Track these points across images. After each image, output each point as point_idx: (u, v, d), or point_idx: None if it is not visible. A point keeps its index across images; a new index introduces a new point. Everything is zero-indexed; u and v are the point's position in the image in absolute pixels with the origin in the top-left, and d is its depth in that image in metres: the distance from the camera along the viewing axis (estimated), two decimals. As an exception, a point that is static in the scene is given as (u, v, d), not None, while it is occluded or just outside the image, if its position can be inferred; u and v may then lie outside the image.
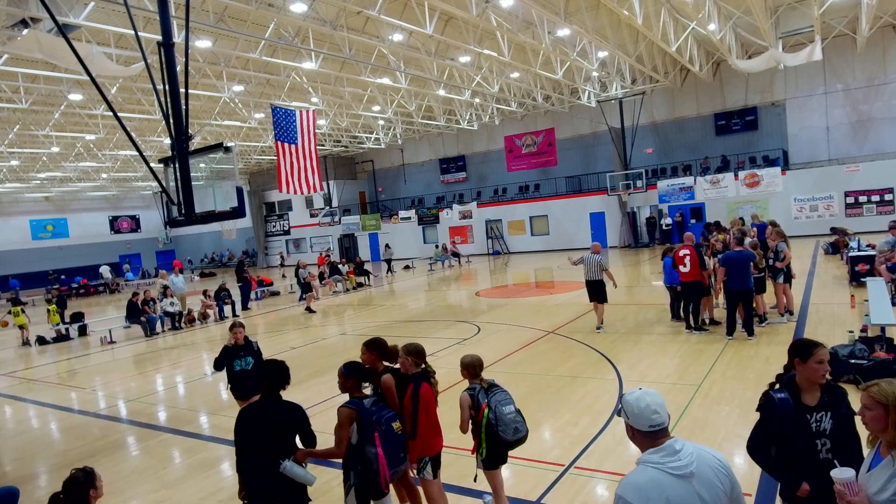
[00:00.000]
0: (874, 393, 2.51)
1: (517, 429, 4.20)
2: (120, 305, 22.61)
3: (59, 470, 6.81)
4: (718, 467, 2.31)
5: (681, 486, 2.20)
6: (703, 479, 2.23)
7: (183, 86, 5.66)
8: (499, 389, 4.38)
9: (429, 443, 4.22)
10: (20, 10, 11.29)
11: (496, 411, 4.18)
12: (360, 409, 3.88)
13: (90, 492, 3.41)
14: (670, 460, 2.25)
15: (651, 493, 2.17)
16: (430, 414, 4.22)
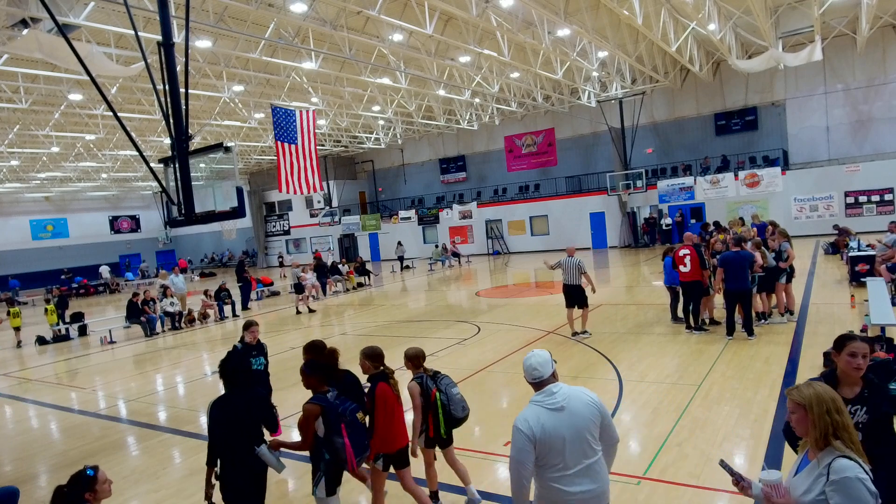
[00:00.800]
0: (794, 396, 2.59)
1: (464, 407, 4.86)
2: (120, 305, 22.61)
3: (59, 470, 6.81)
4: (589, 402, 3.17)
5: (554, 416, 3.09)
6: (572, 411, 3.11)
7: (183, 86, 5.66)
8: (443, 376, 4.93)
9: (386, 440, 4.47)
10: (20, 10, 11.30)
11: (447, 393, 4.78)
12: (324, 403, 4.14)
13: (86, 494, 3.40)
14: (547, 399, 3.14)
15: (532, 421, 3.08)
16: (387, 412, 4.46)
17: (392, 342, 12.28)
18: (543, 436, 3.05)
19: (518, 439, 3.08)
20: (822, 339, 8.94)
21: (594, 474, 3.12)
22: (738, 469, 2.72)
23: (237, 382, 4.21)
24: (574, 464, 3.08)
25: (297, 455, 5.74)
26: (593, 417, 3.14)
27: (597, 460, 3.14)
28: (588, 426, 3.12)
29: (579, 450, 3.08)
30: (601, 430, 3.18)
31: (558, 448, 3.06)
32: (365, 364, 4.68)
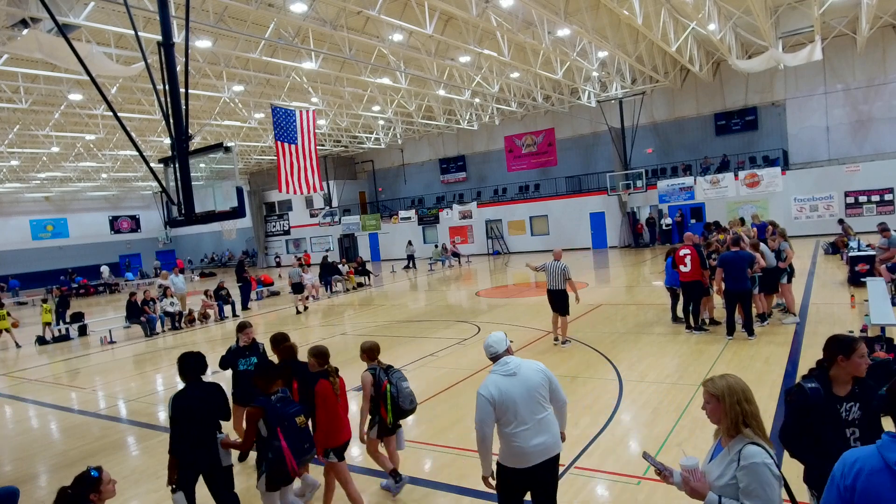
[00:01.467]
0: (709, 387, 2.74)
1: (412, 400, 5.24)
2: (120, 305, 22.63)
3: (60, 470, 6.81)
4: (538, 370, 3.89)
5: (508, 380, 3.78)
6: (524, 376, 3.81)
7: (183, 86, 5.66)
8: (395, 370, 5.32)
9: (329, 434, 4.74)
10: (20, 10, 11.30)
11: (397, 386, 5.15)
12: (265, 406, 4.36)
13: (91, 495, 3.41)
14: (502, 368, 3.86)
15: (490, 387, 3.76)
16: (328, 409, 4.73)
17: (392, 342, 12.28)
18: (501, 397, 3.73)
19: (481, 403, 3.75)
20: (821, 339, 8.86)
21: (546, 428, 3.77)
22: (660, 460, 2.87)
23: (193, 377, 4.59)
24: (528, 420, 3.73)
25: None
26: (542, 381, 3.84)
27: (547, 416, 3.80)
28: (537, 388, 3.80)
29: (531, 408, 3.75)
30: (550, 392, 3.87)
31: (513, 407, 3.72)
32: (311, 361, 4.96)
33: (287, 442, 4.29)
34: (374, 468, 5.95)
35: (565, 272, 10.02)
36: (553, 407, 3.88)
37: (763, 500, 2.51)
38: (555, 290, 10.11)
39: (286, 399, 4.51)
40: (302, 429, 4.46)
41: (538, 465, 3.75)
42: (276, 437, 4.28)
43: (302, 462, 4.52)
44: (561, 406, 3.96)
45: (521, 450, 3.72)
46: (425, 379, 9.12)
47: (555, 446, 3.82)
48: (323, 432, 4.71)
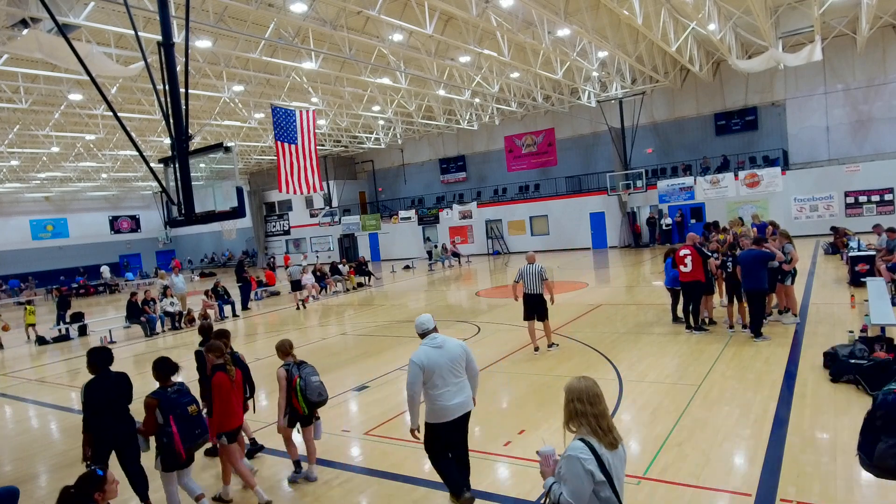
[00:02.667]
0: (565, 387, 3.01)
1: (320, 393, 5.71)
2: (120, 305, 22.62)
3: (59, 470, 6.81)
4: (458, 345, 4.94)
5: (435, 351, 4.80)
6: (448, 349, 4.85)
7: (183, 86, 5.66)
8: (307, 365, 5.81)
9: (223, 421, 5.28)
10: (20, 10, 11.30)
11: (306, 380, 5.63)
12: (160, 397, 4.95)
13: (96, 495, 3.42)
14: (431, 342, 4.87)
15: (421, 356, 4.76)
16: (223, 398, 5.26)
17: (392, 342, 12.28)
18: (429, 363, 4.74)
19: (413, 368, 4.75)
20: (822, 339, 8.94)
21: (463, 390, 4.86)
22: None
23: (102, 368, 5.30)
24: (450, 383, 4.77)
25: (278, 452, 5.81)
26: (461, 354, 4.89)
27: (463, 381, 4.88)
28: (458, 359, 4.87)
29: (451, 373, 4.80)
30: (466, 363, 4.91)
31: (439, 371, 4.72)
32: (208, 356, 5.53)
33: (178, 428, 4.87)
34: (376, 468, 5.95)
35: (542, 274, 9.75)
36: (467, 375, 4.93)
37: (570, 488, 2.80)
38: (533, 293, 9.75)
39: (181, 391, 5.08)
40: (193, 417, 5.00)
41: (456, 419, 4.84)
42: (169, 425, 4.84)
43: (194, 447, 5.06)
44: (474, 375, 5.02)
45: (444, 407, 4.78)
46: (425, 379, 9.11)
47: (469, 404, 4.94)
48: (217, 419, 5.26)
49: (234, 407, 5.35)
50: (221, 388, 5.26)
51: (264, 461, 6.49)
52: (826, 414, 6.19)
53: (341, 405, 8.27)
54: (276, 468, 6.27)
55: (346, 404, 8.33)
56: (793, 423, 6.00)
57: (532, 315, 9.84)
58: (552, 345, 10.03)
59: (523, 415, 7.10)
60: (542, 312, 9.84)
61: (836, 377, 7.07)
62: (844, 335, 8.53)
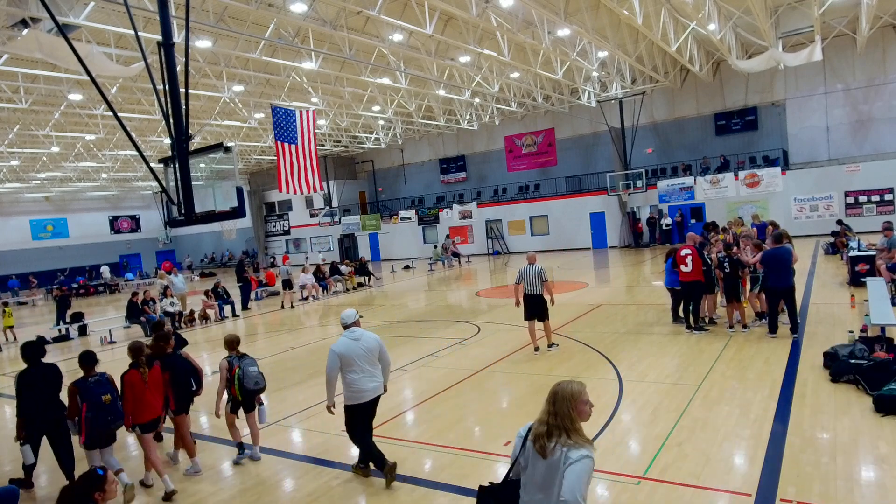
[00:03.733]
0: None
1: (257, 381, 6.37)
2: (120, 305, 22.61)
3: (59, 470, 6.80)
4: (374, 339, 5.67)
5: (353, 343, 5.53)
6: (364, 341, 5.58)
7: (183, 86, 5.67)
8: (248, 357, 6.47)
9: (136, 414, 5.85)
10: (20, 10, 11.30)
11: (244, 370, 6.29)
12: (79, 386, 5.75)
13: (96, 494, 3.42)
14: (351, 335, 5.59)
15: (340, 345, 5.50)
16: (135, 394, 5.84)
17: (393, 342, 12.27)
18: (346, 352, 5.50)
19: (332, 356, 5.52)
20: (822, 339, 8.94)
21: (375, 377, 5.63)
22: None
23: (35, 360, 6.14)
24: (364, 370, 5.55)
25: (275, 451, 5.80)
26: (375, 347, 5.65)
27: (376, 369, 5.64)
28: (372, 350, 5.61)
29: (367, 362, 5.56)
30: (380, 354, 5.67)
31: (354, 360, 5.50)
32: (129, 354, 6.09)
33: (92, 414, 5.66)
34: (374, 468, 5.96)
35: (542, 275, 9.70)
36: (381, 364, 5.70)
37: None
38: (532, 294, 9.73)
39: (100, 382, 5.84)
40: (107, 405, 5.76)
41: (369, 402, 5.63)
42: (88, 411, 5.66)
43: (107, 431, 5.78)
44: (386, 365, 5.78)
45: (360, 391, 5.55)
46: (425, 379, 9.12)
47: (380, 389, 5.70)
48: (129, 412, 5.84)
49: (147, 401, 5.91)
50: (134, 385, 5.85)
51: (262, 461, 6.48)
52: (826, 414, 6.19)
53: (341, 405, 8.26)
54: (277, 468, 6.27)
55: (346, 404, 8.33)
56: (793, 423, 6.00)
57: (532, 315, 9.84)
58: (552, 345, 10.02)
59: (523, 415, 7.09)
60: (542, 313, 9.82)
61: (836, 377, 7.07)
62: (844, 335, 8.53)
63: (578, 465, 2.81)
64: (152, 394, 5.98)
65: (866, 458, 5.19)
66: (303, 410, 8.09)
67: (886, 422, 5.82)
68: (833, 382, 7.04)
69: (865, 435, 5.60)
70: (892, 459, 5.09)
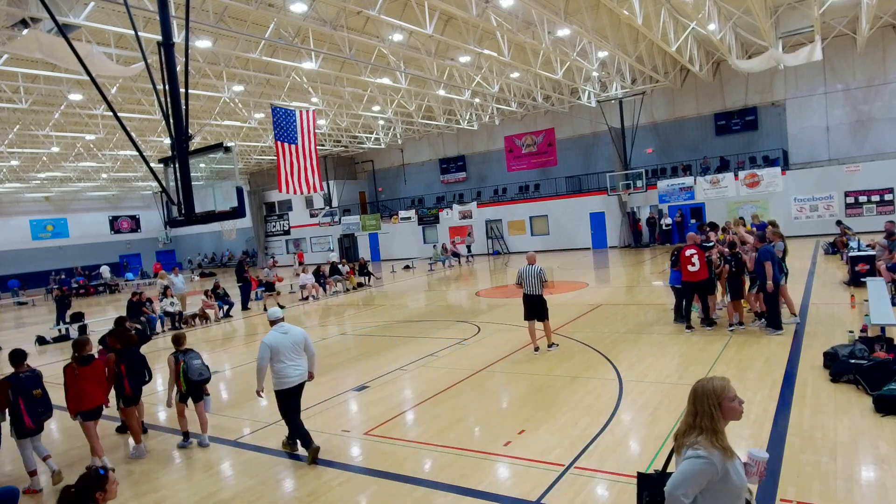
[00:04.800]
0: None
1: (201, 373, 7.09)
2: (120, 305, 22.59)
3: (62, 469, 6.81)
4: (300, 332, 6.45)
5: (282, 336, 6.30)
6: (292, 335, 6.35)
7: (183, 86, 5.67)
8: (192, 351, 7.22)
9: (76, 403, 6.52)
10: (20, 10, 11.29)
11: (188, 364, 7.03)
12: (12, 381, 6.24)
13: (97, 494, 3.42)
14: (280, 329, 6.36)
15: (271, 338, 6.21)
16: (74, 385, 6.51)
17: (393, 342, 12.28)
18: (276, 344, 6.24)
19: (263, 347, 6.22)
20: (821, 339, 8.94)
21: (300, 366, 6.40)
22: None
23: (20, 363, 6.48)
24: (291, 360, 6.30)
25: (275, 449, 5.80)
26: (301, 340, 6.42)
27: (301, 360, 6.42)
28: (298, 343, 6.39)
29: (293, 353, 6.32)
30: (305, 346, 6.46)
31: (283, 350, 6.24)
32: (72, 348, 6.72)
33: (25, 406, 6.19)
34: (376, 468, 5.96)
35: (541, 275, 9.71)
36: (306, 355, 6.49)
37: None
38: (532, 294, 9.74)
39: (32, 377, 6.41)
40: (38, 398, 6.32)
41: (294, 387, 6.34)
42: (18, 403, 6.16)
43: (38, 422, 6.32)
44: (311, 355, 6.60)
45: (286, 377, 6.27)
46: (425, 379, 9.12)
47: (304, 376, 6.48)
48: (71, 402, 6.53)
49: (87, 391, 6.55)
50: (71, 377, 6.54)
51: (260, 460, 6.49)
52: (826, 414, 6.19)
53: (341, 405, 8.28)
54: (276, 467, 6.27)
55: (346, 404, 8.33)
56: (793, 423, 6.01)
57: (532, 315, 9.85)
58: (552, 345, 10.02)
59: (523, 415, 7.10)
60: (541, 313, 9.82)
61: (836, 377, 7.07)
62: (844, 335, 8.53)
63: (685, 463, 2.69)
64: (92, 384, 6.61)
65: (866, 458, 5.19)
66: (303, 410, 8.05)
67: (886, 422, 5.82)
68: (833, 382, 7.04)
69: (865, 435, 5.61)
70: (892, 459, 5.09)
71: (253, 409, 8.46)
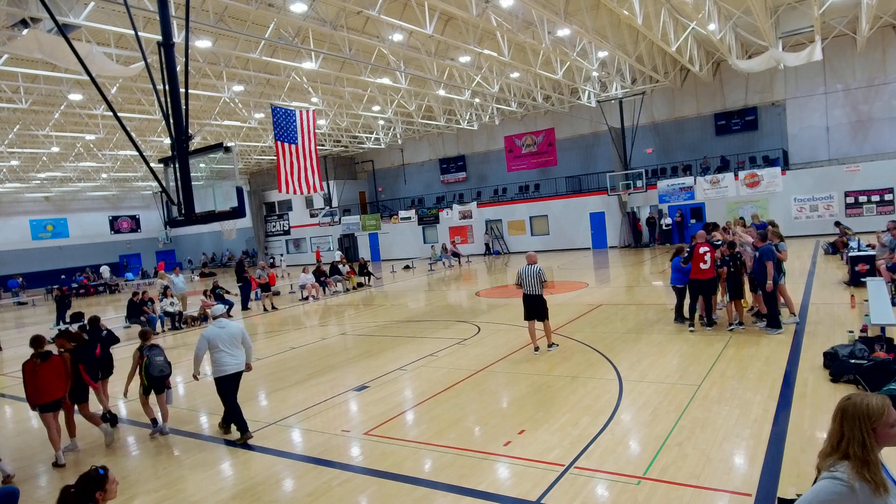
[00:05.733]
0: None
1: (162, 369, 7.65)
2: (120, 305, 22.61)
3: (59, 470, 6.81)
4: (237, 327, 7.33)
5: (220, 330, 7.17)
6: (229, 329, 7.20)
7: (183, 86, 5.67)
8: (156, 347, 7.79)
9: (35, 396, 6.89)
10: (20, 10, 11.29)
11: (150, 360, 7.57)
12: None
13: (97, 494, 3.41)
14: (218, 324, 7.24)
15: (210, 331, 7.17)
16: (31, 379, 6.89)
17: (393, 342, 12.28)
18: (213, 337, 7.07)
19: (201, 339, 7.12)
20: (822, 339, 8.94)
21: (237, 357, 7.15)
22: None
23: None
24: (227, 351, 7.06)
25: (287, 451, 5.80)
26: (238, 334, 7.20)
27: (237, 351, 7.16)
28: (235, 336, 7.16)
29: (229, 345, 7.09)
30: (242, 340, 7.21)
31: (220, 343, 7.04)
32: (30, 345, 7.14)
33: None
34: (376, 468, 5.97)
35: (540, 275, 9.66)
36: (244, 348, 7.24)
37: None
38: (531, 294, 9.70)
39: None
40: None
41: (231, 374, 7.10)
42: None
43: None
44: (248, 348, 7.32)
45: (223, 365, 7.05)
46: (425, 379, 9.12)
47: (240, 366, 7.21)
48: (29, 394, 6.90)
49: (44, 386, 6.86)
50: (29, 372, 6.89)
51: (260, 460, 6.49)
52: (826, 414, 6.18)
53: (341, 405, 8.27)
54: (276, 467, 6.27)
55: (346, 404, 8.33)
56: (793, 423, 6.00)
57: (532, 315, 9.83)
58: (552, 345, 10.00)
59: (523, 415, 7.10)
60: (541, 313, 9.79)
61: (836, 377, 7.08)
62: (844, 335, 8.53)
63: (820, 483, 2.29)
64: (50, 379, 6.85)
65: (866, 458, 5.18)
66: (303, 410, 8.08)
67: None
68: (833, 382, 7.04)
69: None
70: (891, 459, 5.09)
71: (253, 409, 8.46)
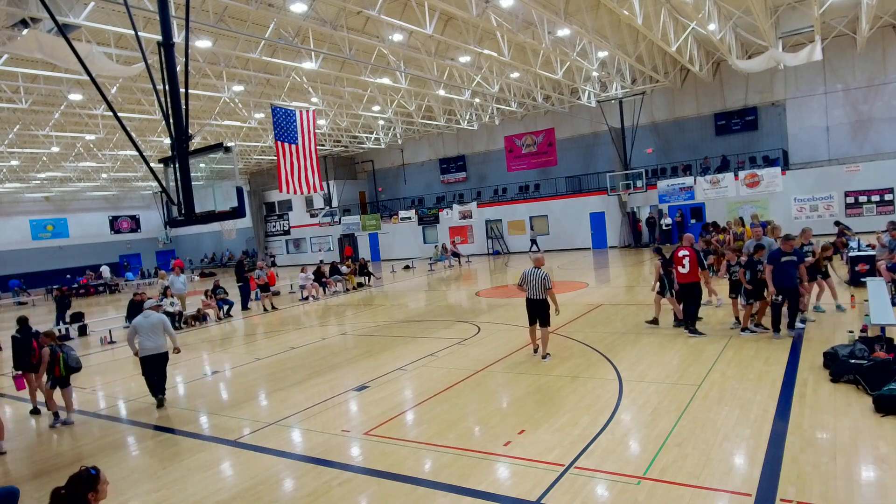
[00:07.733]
0: None
1: (78, 361, 8.79)
2: (120, 305, 22.63)
3: (59, 470, 6.81)
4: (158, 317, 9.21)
5: (144, 319, 9.09)
6: (150, 320, 9.10)
7: (183, 86, 5.67)
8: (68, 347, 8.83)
9: None
10: (20, 10, 11.30)
11: (67, 354, 8.60)
12: None
13: (89, 494, 3.39)
14: (144, 315, 9.19)
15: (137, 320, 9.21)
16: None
17: (393, 342, 12.28)
18: (138, 325, 8.95)
19: (130, 328, 9.06)
20: (822, 339, 8.94)
21: (157, 340, 8.95)
22: None
23: None
24: (149, 337, 8.89)
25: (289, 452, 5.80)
26: (158, 322, 9.01)
27: (159, 337, 8.98)
28: (155, 325, 8.97)
29: (150, 332, 8.92)
30: (163, 328, 9.03)
31: (143, 329, 8.92)
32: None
33: None
34: (376, 468, 5.96)
35: (545, 280, 9.28)
36: (167, 335, 9.06)
37: None
38: (534, 299, 9.38)
39: None
40: None
41: (154, 355, 8.92)
42: None
43: None
44: (171, 336, 9.13)
45: (144, 348, 8.85)
46: (425, 379, 9.12)
47: (162, 348, 8.99)
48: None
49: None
50: None
51: (260, 460, 6.49)
52: (826, 414, 6.19)
53: (341, 405, 8.27)
54: (276, 467, 6.27)
55: (346, 404, 8.33)
56: (793, 423, 6.00)
57: (534, 320, 9.58)
58: (546, 355, 9.56)
59: (523, 415, 7.10)
60: (543, 318, 9.44)
61: (836, 377, 7.07)
62: (844, 335, 8.53)
63: None
64: None
65: (866, 458, 5.19)
66: (303, 410, 8.08)
67: (886, 422, 5.82)
68: (833, 382, 7.04)
69: (865, 435, 5.60)
70: (892, 459, 5.09)
71: (253, 409, 8.46)
